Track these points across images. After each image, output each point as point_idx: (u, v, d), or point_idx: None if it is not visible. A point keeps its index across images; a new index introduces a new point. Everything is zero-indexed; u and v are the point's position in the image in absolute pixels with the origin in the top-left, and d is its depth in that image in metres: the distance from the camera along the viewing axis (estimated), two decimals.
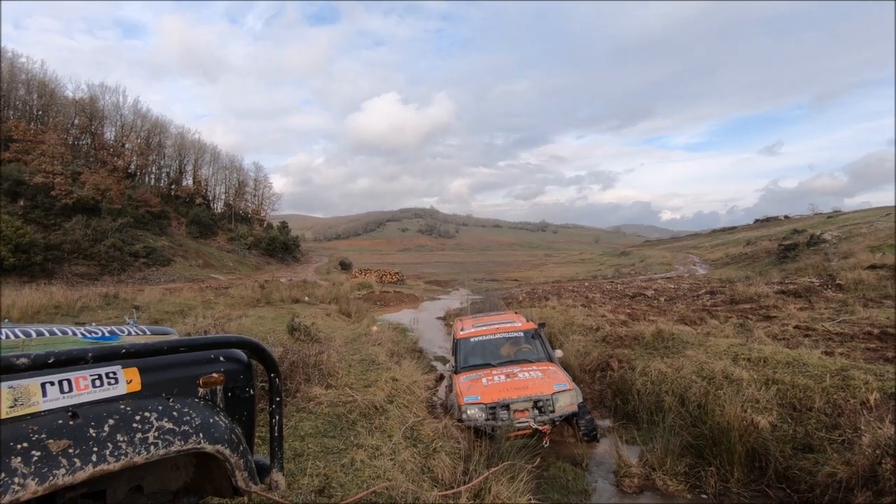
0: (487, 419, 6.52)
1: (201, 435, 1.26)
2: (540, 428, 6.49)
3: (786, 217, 73.79)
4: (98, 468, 1.04)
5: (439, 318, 19.76)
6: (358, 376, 6.69)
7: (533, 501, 4.17)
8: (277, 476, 1.59)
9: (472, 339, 8.36)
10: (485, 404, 6.60)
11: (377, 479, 3.41)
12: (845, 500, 4.66)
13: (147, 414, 1.18)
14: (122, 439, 1.10)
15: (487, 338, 8.36)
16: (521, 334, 8.37)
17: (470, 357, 8.06)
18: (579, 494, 5.38)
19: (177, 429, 1.22)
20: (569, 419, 6.90)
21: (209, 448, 1.28)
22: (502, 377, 7.19)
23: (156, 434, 1.17)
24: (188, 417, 1.26)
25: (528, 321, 8.95)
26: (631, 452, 6.23)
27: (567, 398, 6.69)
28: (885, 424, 5.01)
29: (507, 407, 6.55)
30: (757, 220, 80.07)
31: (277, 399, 1.65)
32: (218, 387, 1.45)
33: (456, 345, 8.42)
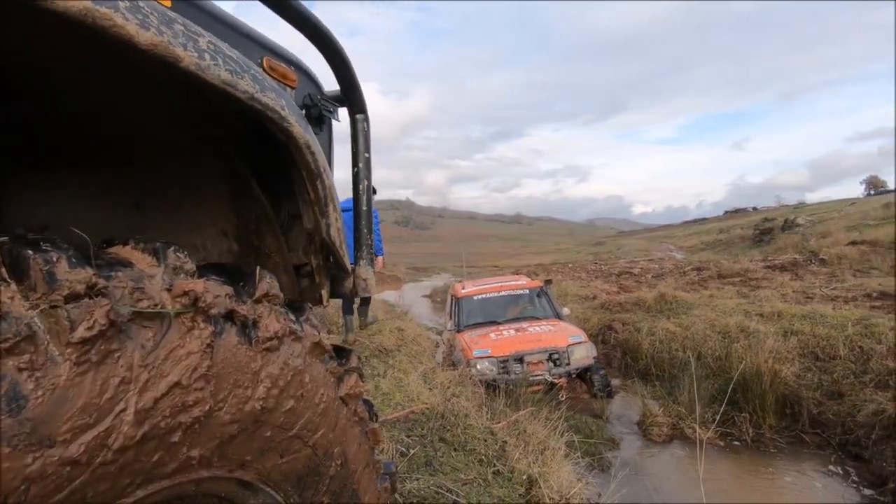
0: (499, 373, 6.06)
1: (290, 113, 0.71)
2: (555, 381, 6.07)
3: (754, 209, 75.99)
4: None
5: (425, 296, 19.28)
6: (359, 328, 6.12)
7: (575, 440, 3.72)
8: (365, 271, 1.05)
9: (475, 297, 7.88)
10: (496, 357, 6.15)
11: (412, 402, 2.90)
12: (890, 437, 4.42)
13: (184, 21, 0.62)
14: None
15: (491, 295, 7.90)
16: (527, 292, 7.94)
17: (473, 315, 7.58)
18: (608, 443, 5.00)
19: (243, 67, 0.66)
20: (582, 375, 6.52)
21: (297, 132, 0.73)
22: (512, 331, 6.75)
23: (211, 46, 0.61)
24: (258, 74, 0.70)
25: (532, 279, 8.53)
26: (652, 405, 5.91)
27: (583, 350, 6.31)
28: None
29: (520, 360, 6.11)
30: (727, 212, 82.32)
31: (367, 156, 1.08)
32: (290, 90, 0.89)
33: (457, 304, 7.91)
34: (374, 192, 4.99)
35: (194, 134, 0.95)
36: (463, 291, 8.11)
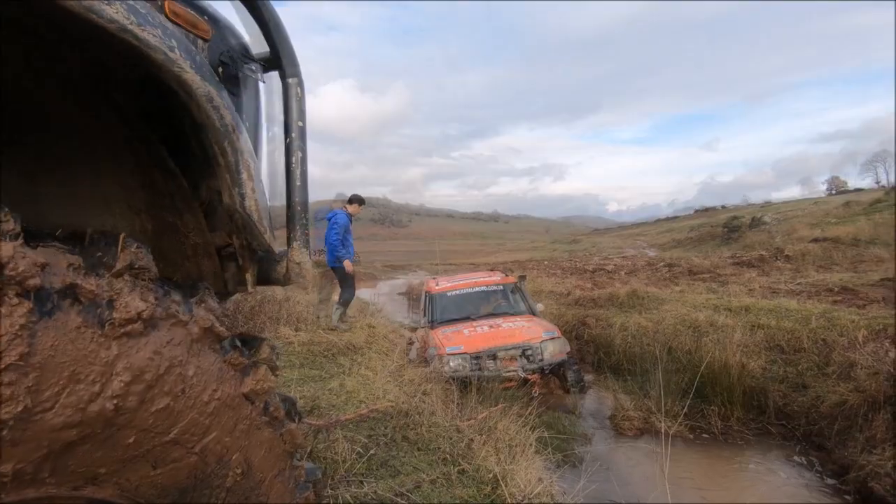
0: (472, 369, 5.98)
1: (183, 57, 0.59)
2: (528, 377, 6.04)
3: (723, 207, 78.18)
4: None
5: (401, 293, 19.13)
6: (330, 326, 5.96)
7: (545, 436, 3.67)
8: (299, 254, 0.92)
9: (448, 293, 7.78)
10: (469, 354, 6.07)
11: (377, 400, 2.78)
12: (851, 427, 4.52)
13: None
14: None
15: (465, 291, 7.81)
16: (501, 288, 7.88)
17: (446, 311, 7.49)
18: (580, 438, 4.99)
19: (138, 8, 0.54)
20: (555, 370, 6.50)
21: (191, 80, 0.61)
22: (485, 328, 6.69)
23: None
24: (140, 7, 0.57)
25: (506, 276, 8.49)
26: (624, 400, 5.94)
27: (556, 346, 6.28)
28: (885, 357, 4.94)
29: (493, 356, 6.05)
30: (697, 211, 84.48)
31: (301, 125, 0.94)
32: (201, 42, 0.76)
33: (430, 300, 7.81)
34: (362, 202, 4.92)
35: (86, 93, 0.81)
36: (436, 287, 8.00)
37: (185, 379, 0.55)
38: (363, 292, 20.33)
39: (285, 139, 0.96)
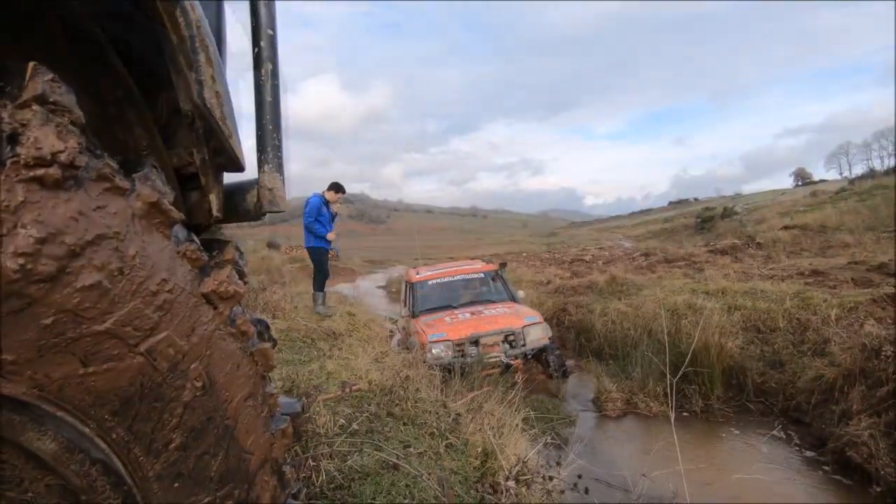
0: (455, 356, 5.92)
1: None
2: (511, 362, 6.00)
3: (696, 199, 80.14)
4: None
5: (380, 286, 18.98)
6: (308, 315, 5.80)
7: (532, 416, 3.62)
8: (271, 179, 0.80)
9: (429, 282, 7.69)
10: (451, 341, 6.00)
11: (360, 380, 2.68)
12: (828, 400, 4.60)
13: None
14: None
15: (446, 279, 7.73)
16: (482, 275, 7.84)
17: (428, 300, 7.40)
18: (564, 420, 4.97)
19: None
20: (538, 355, 6.48)
21: None
22: (467, 315, 6.63)
23: None
24: None
25: (487, 263, 8.44)
26: (607, 382, 5.96)
27: (538, 331, 6.27)
28: (860, 331, 5.05)
29: (476, 342, 6.00)
30: (671, 203, 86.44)
31: (270, 32, 0.80)
32: None
33: (411, 288, 7.71)
34: (339, 189, 4.79)
35: None
36: (417, 276, 7.90)
37: (125, 256, 0.43)
38: (341, 288, 20.09)
39: (253, 49, 0.84)
